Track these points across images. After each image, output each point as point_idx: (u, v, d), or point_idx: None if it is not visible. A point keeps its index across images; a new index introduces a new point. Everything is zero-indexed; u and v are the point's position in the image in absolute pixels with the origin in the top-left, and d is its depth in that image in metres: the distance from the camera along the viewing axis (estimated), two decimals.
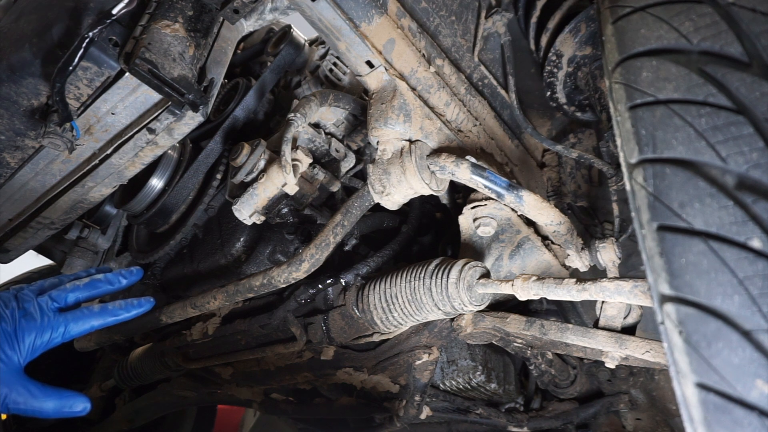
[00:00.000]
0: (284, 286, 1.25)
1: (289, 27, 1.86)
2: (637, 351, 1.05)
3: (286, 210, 1.28)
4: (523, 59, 1.50)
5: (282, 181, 1.19)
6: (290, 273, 1.20)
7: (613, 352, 1.10)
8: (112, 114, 1.17)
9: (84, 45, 0.98)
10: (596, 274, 1.25)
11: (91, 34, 0.98)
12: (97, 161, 1.26)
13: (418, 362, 1.38)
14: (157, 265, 1.66)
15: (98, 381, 2.11)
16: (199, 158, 1.52)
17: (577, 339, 1.12)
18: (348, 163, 1.42)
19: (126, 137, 1.20)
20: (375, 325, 1.26)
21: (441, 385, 1.59)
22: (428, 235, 1.62)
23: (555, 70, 1.37)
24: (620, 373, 1.44)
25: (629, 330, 1.11)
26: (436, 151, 1.14)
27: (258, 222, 1.27)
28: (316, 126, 1.36)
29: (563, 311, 1.48)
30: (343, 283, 1.35)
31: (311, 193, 1.35)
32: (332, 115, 1.36)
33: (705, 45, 0.67)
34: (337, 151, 1.38)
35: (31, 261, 2.24)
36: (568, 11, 1.32)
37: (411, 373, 1.40)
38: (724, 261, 0.57)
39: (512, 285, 1.02)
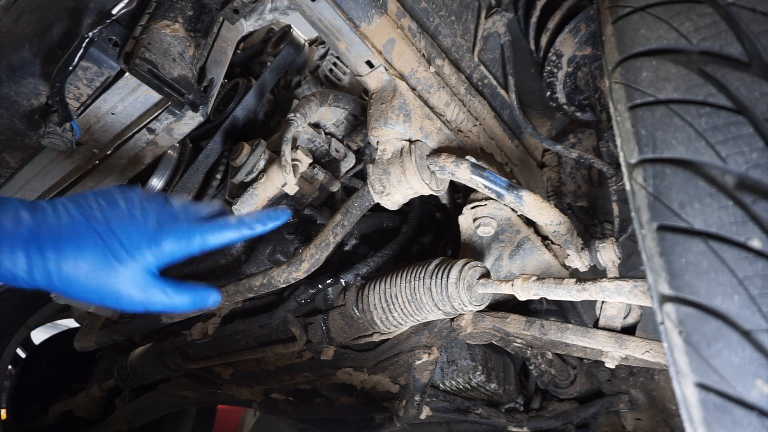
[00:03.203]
0: (284, 286, 1.25)
1: (289, 27, 1.86)
2: (637, 351, 1.05)
3: None
4: (523, 59, 1.50)
5: (282, 181, 1.19)
6: (290, 273, 1.20)
7: (613, 352, 1.10)
8: (112, 114, 1.17)
9: (84, 45, 0.98)
10: (596, 274, 1.25)
11: (91, 34, 0.98)
12: (96, 161, 1.26)
13: (418, 362, 1.38)
14: None
15: (98, 381, 2.12)
16: (199, 158, 1.52)
17: (577, 339, 1.12)
18: (348, 163, 1.42)
19: (126, 137, 1.20)
20: (375, 325, 1.26)
21: (441, 385, 1.59)
22: (428, 235, 1.62)
23: (555, 70, 1.37)
24: (620, 373, 1.44)
25: (629, 330, 1.11)
26: (436, 151, 1.14)
27: None
28: (316, 126, 1.36)
29: (563, 311, 1.48)
30: (343, 283, 1.35)
31: (311, 193, 1.35)
32: (332, 115, 1.36)
33: (705, 45, 0.67)
34: (337, 151, 1.39)
35: None
36: (568, 11, 1.32)
37: (411, 373, 1.40)
38: (724, 261, 0.57)
39: (512, 285, 1.02)
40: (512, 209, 1.20)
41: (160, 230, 0.89)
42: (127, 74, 1.09)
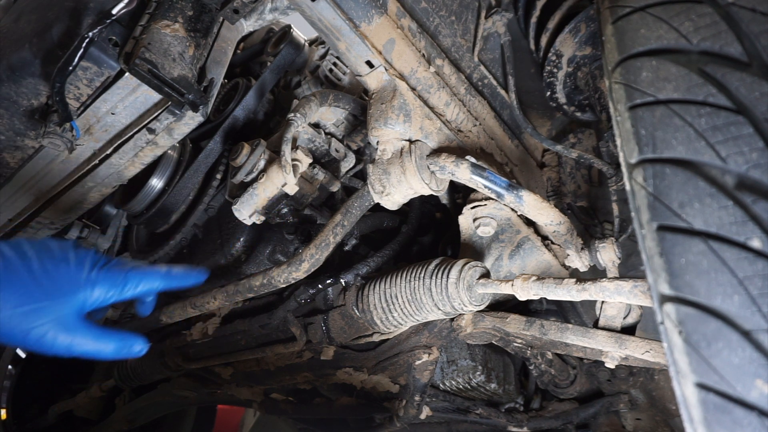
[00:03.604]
0: (284, 286, 1.25)
1: (289, 27, 1.86)
2: (636, 351, 1.05)
3: (286, 210, 1.28)
4: (523, 59, 1.50)
5: (282, 181, 1.19)
6: (290, 273, 1.20)
7: (613, 352, 1.10)
8: (112, 114, 1.17)
9: (84, 45, 0.98)
10: (596, 274, 1.25)
11: (91, 34, 0.98)
12: (97, 161, 1.26)
13: (418, 362, 1.38)
14: None
15: (98, 381, 2.12)
16: (199, 158, 1.52)
17: (577, 339, 1.12)
18: (348, 163, 1.42)
19: (126, 137, 1.20)
20: (375, 325, 1.26)
21: (441, 385, 1.59)
22: (428, 235, 1.62)
23: (555, 70, 1.37)
24: (620, 373, 1.44)
25: (629, 330, 1.11)
26: (436, 151, 1.14)
27: (258, 222, 1.27)
28: (316, 126, 1.36)
29: (563, 311, 1.48)
30: (343, 283, 1.35)
31: (311, 193, 1.35)
32: (332, 115, 1.36)
33: (705, 45, 0.67)
34: (337, 151, 1.38)
35: None
36: (568, 11, 1.32)
37: (411, 373, 1.40)
38: (724, 261, 0.57)
39: (512, 285, 1.02)
40: (512, 209, 1.20)
41: (92, 276, 0.92)
42: (127, 74, 1.09)
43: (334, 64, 1.68)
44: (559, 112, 1.51)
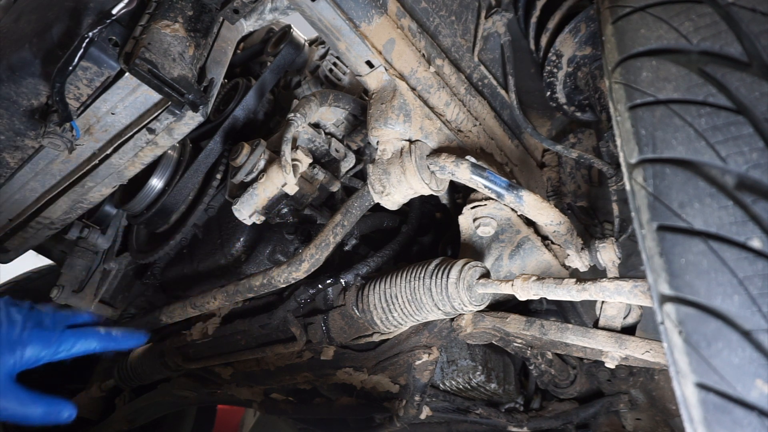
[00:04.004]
0: (284, 286, 1.25)
1: (289, 27, 1.86)
2: (637, 351, 1.05)
3: (286, 210, 1.28)
4: (523, 59, 1.50)
5: (282, 181, 1.19)
6: (290, 273, 1.20)
7: (613, 352, 1.10)
8: (112, 114, 1.17)
9: (84, 45, 0.98)
10: (596, 274, 1.25)
11: (91, 34, 0.98)
12: (96, 161, 1.26)
13: (418, 362, 1.38)
14: (157, 265, 1.66)
15: (98, 381, 2.11)
16: (199, 158, 1.52)
17: (577, 339, 1.12)
18: (348, 163, 1.42)
19: (126, 137, 1.20)
20: (375, 325, 1.26)
21: (441, 385, 1.59)
22: (428, 235, 1.62)
23: (555, 70, 1.37)
24: (620, 373, 1.44)
25: (629, 330, 1.11)
26: (436, 151, 1.14)
27: (258, 222, 1.27)
28: (316, 126, 1.36)
29: (563, 311, 1.48)
30: (343, 283, 1.35)
31: (311, 193, 1.35)
32: (332, 115, 1.36)
33: (705, 45, 0.67)
34: (337, 151, 1.38)
35: (31, 261, 2.24)
36: (568, 11, 1.32)
37: (411, 373, 1.40)
38: (724, 261, 0.57)
39: (512, 285, 1.02)
40: (512, 209, 1.20)
41: (23, 336, 0.90)
42: (127, 74, 1.09)
43: (334, 64, 1.68)
44: (559, 112, 1.51)
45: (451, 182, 1.18)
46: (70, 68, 0.99)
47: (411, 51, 1.10)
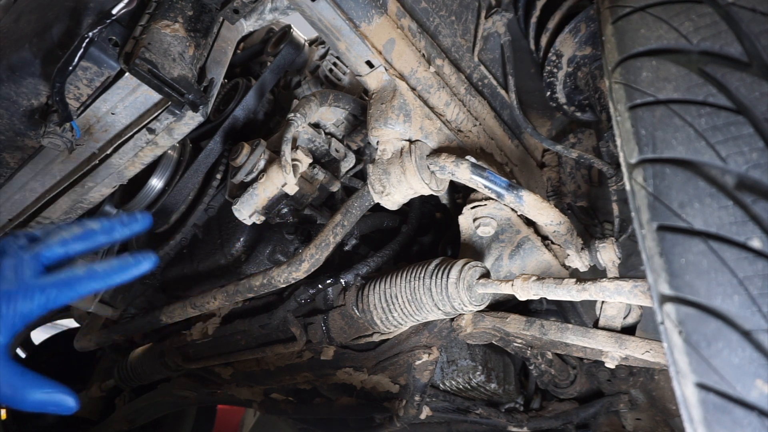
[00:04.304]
0: (284, 286, 1.25)
1: (289, 27, 1.85)
2: (637, 351, 1.05)
3: (286, 210, 1.28)
4: (523, 59, 1.50)
5: (282, 181, 1.19)
6: (290, 273, 1.20)
7: (613, 352, 1.10)
8: (112, 114, 1.17)
9: (84, 45, 0.98)
10: (596, 274, 1.25)
11: (91, 34, 0.98)
12: (96, 161, 1.25)
13: (418, 362, 1.38)
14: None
15: (98, 381, 2.12)
16: (199, 158, 1.52)
17: (577, 339, 1.12)
18: (348, 163, 1.42)
19: (126, 137, 1.20)
20: (375, 325, 1.26)
21: (441, 385, 1.59)
22: (428, 235, 1.62)
23: (555, 70, 1.37)
24: (620, 373, 1.44)
25: (629, 330, 1.11)
26: (436, 151, 1.14)
27: (258, 222, 1.27)
28: (316, 126, 1.36)
29: (563, 311, 1.48)
30: (343, 283, 1.35)
31: (311, 193, 1.35)
32: (332, 115, 1.36)
33: (705, 45, 0.67)
34: (337, 151, 1.38)
35: None
36: (568, 11, 1.32)
37: (411, 373, 1.40)
38: (724, 261, 0.57)
39: (512, 285, 1.02)
40: (512, 209, 1.20)
41: None
42: (127, 74, 1.08)
43: (334, 64, 1.68)
44: (559, 112, 1.51)
45: (451, 182, 1.18)
46: (70, 68, 0.99)
47: (411, 51, 1.10)
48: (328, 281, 1.36)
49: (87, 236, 0.87)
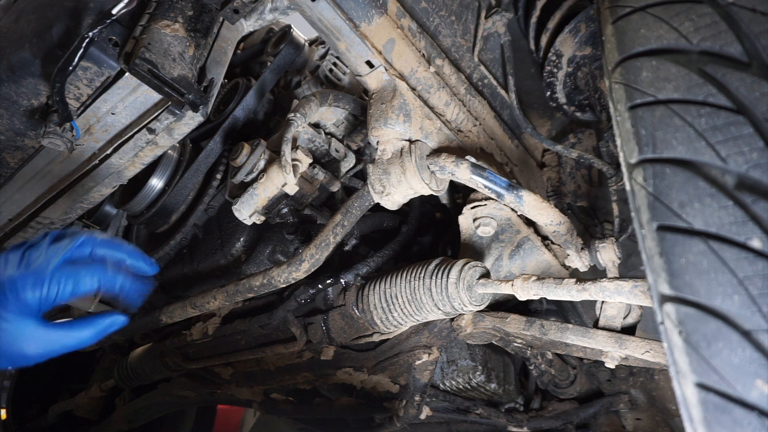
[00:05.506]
0: (284, 286, 1.25)
1: (289, 27, 1.86)
2: (637, 351, 1.05)
3: (286, 210, 1.28)
4: (523, 59, 1.50)
5: (282, 181, 1.19)
6: (290, 273, 1.20)
7: (613, 352, 1.10)
8: (112, 114, 1.17)
9: (84, 45, 0.98)
10: (596, 274, 1.25)
11: (91, 34, 0.98)
12: (96, 161, 1.25)
13: (418, 362, 1.38)
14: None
15: (98, 381, 2.12)
16: (199, 158, 1.52)
17: (577, 339, 1.12)
18: (348, 163, 1.42)
19: (126, 137, 1.20)
20: (375, 325, 1.26)
21: (441, 385, 1.59)
22: (428, 235, 1.62)
23: (555, 70, 1.37)
24: (620, 373, 1.44)
25: (629, 330, 1.11)
26: (436, 151, 1.14)
27: (258, 222, 1.27)
28: (316, 126, 1.36)
29: (563, 311, 1.48)
30: (343, 283, 1.35)
31: (311, 193, 1.35)
32: (332, 115, 1.36)
33: (705, 45, 0.67)
34: (337, 151, 1.38)
35: None
36: (568, 11, 1.32)
37: (411, 373, 1.40)
38: (724, 261, 0.57)
39: (512, 285, 1.02)
40: (512, 209, 1.20)
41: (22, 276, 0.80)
42: (127, 74, 1.08)
43: (334, 64, 1.68)
44: (559, 112, 1.51)
45: (451, 182, 1.18)
46: (70, 68, 0.99)
47: (411, 51, 1.10)
48: (328, 281, 1.36)
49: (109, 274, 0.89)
